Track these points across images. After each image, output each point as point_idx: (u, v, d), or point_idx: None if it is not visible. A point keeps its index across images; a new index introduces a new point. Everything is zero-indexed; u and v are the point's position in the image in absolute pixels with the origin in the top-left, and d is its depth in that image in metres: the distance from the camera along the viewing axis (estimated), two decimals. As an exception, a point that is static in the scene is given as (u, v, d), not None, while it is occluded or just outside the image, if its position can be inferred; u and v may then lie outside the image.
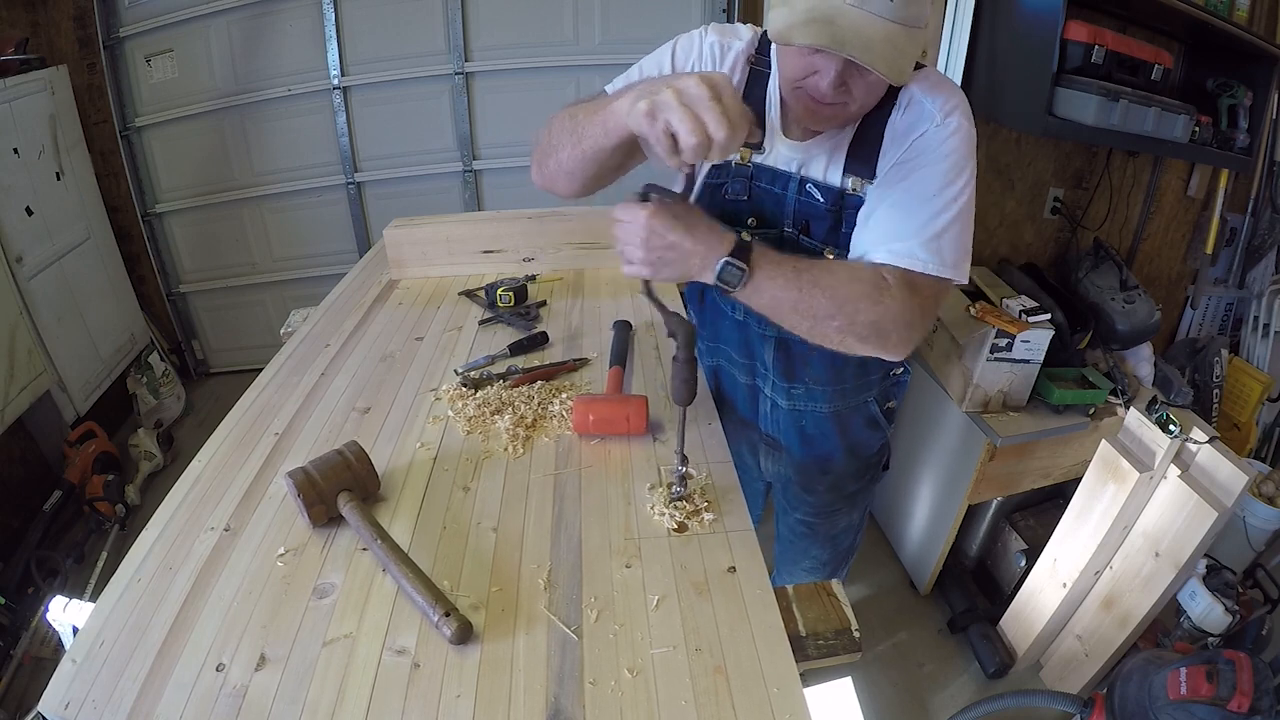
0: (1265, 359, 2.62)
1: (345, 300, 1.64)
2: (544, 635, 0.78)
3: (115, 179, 3.13)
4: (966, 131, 0.92)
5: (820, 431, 1.26)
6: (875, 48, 0.79)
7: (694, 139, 0.73)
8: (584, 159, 0.95)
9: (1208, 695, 1.34)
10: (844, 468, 1.31)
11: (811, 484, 1.35)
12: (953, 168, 0.91)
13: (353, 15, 2.97)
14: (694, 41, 1.06)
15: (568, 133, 0.96)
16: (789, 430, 1.27)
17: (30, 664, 2.00)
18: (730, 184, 1.07)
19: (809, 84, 0.89)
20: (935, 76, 0.97)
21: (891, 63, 0.80)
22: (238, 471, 1.06)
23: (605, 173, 0.99)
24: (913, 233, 0.90)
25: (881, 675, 2.06)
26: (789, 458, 1.31)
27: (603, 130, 0.89)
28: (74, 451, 2.62)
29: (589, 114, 0.91)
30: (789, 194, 1.03)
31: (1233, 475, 1.51)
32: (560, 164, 0.99)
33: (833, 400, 1.21)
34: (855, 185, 0.98)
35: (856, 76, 0.86)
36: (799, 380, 1.19)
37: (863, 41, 0.79)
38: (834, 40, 0.79)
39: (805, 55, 0.87)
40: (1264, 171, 2.41)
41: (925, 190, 0.91)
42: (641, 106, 0.76)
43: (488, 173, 3.30)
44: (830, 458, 1.30)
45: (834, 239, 1.02)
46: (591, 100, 0.97)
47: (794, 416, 1.24)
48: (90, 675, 0.75)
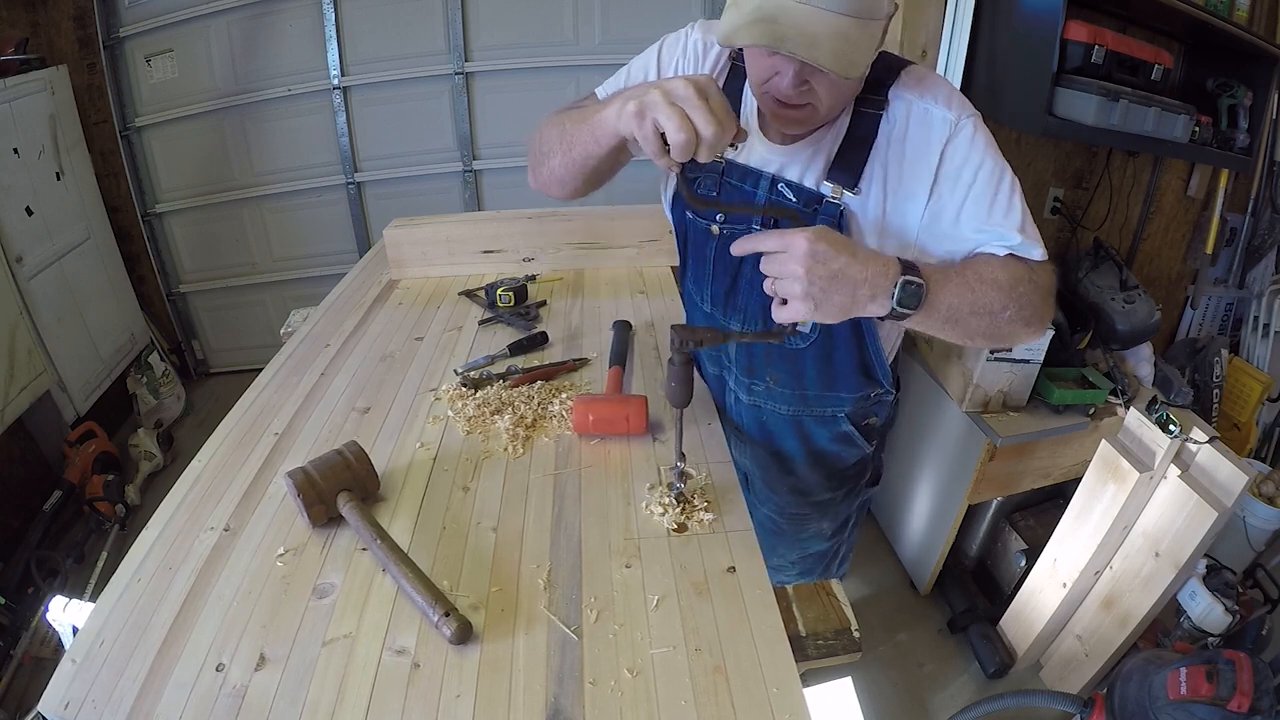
0: (1265, 359, 2.62)
1: (345, 300, 1.65)
2: (544, 635, 0.78)
3: (115, 179, 3.13)
4: (982, 126, 0.93)
5: (780, 431, 1.25)
6: (821, 43, 0.76)
7: (681, 136, 0.74)
8: (574, 166, 0.96)
9: (1208, 695, 1.34)
10: (808, 474, 1.29)
11: (774, 482, 1.33)
12: (995, 160, 0.92)
13: (353, 15, 2.97)
14: (679, 40, 1.07)
15: (557, 140, 0.96)
16: (751, 423, 1.27)
17: (30, 664, 2.00)
18: (703, 180, 1.06)
19: (772, 86, 0.87)
20: (927, 76, 0.95)
21: (840, 57, 0.77)
22: (238, 471, 1.06)
23: (597, 177, 1.00)
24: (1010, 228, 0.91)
25: (881, 675, 2.06)
26: (751, 450, 1.31)
27: (592, 138, 0.89)
28: (74, 451, 2.63)
29: (577, 122, 0.92)
30: (759, 191, 1.02)
31: (1233, 475, 1.51)
32: (552, 171, 1.00)
33: (793, 404, 1.19)
34: (835, 191, 0.96)
35: (818, 75, 0.84)
36: (759, 377, 1.19)
37: (807, 38, 0.76)
38: (775, 38, 0.77)
39: (765, 57, 0.86)
40: (1264, 171, 2.40)
41: (989, 189, 0.91)
42: (630, 107, 0.77)
43: (488, 173, 3.30)
44: (792, 459, 1.28)
45: None
46: (580, 106, 0.97)
47: (755, 411, 1.24)
48: (90, 675, 0.75)
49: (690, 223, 1.12)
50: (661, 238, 1.71)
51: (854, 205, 0.97)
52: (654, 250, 1.73)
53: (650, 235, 1.72)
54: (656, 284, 1.66)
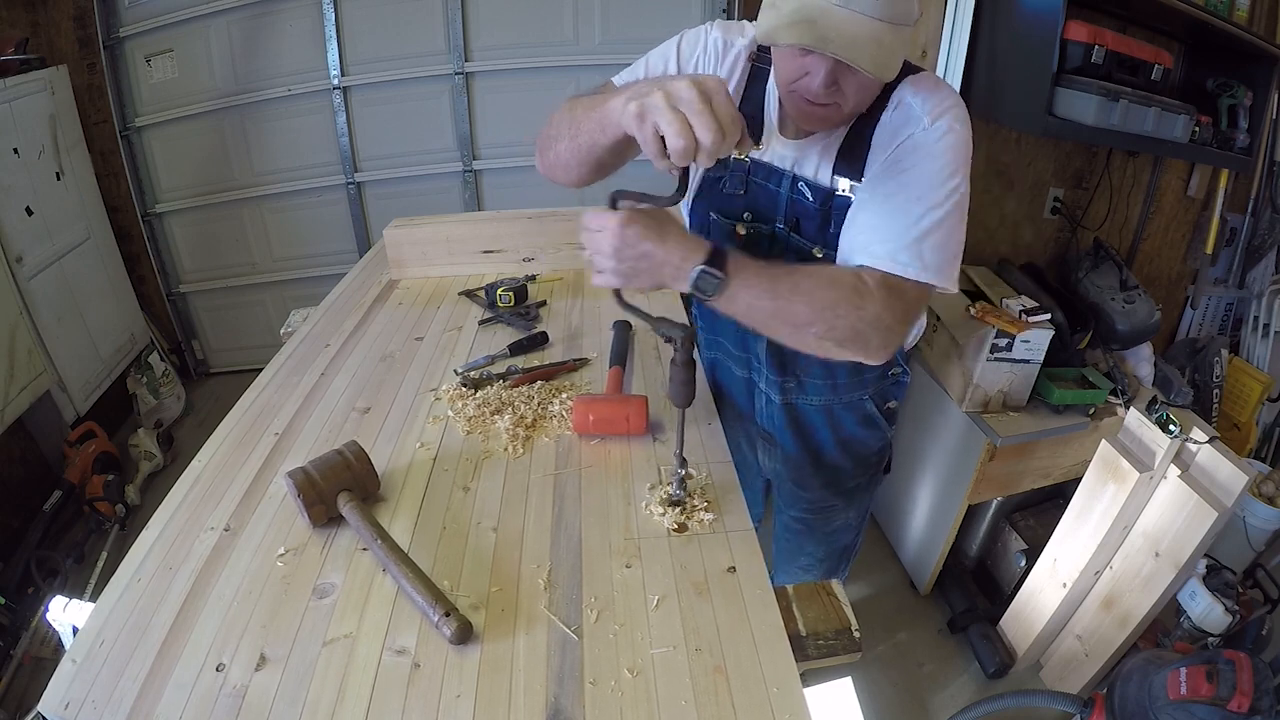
0: (1265, 359, 2.62)
1: (345, 300, 1.65)
2: (544, 635, 0.78)
3: (115, 179, 3.13)
4: (959, 136, 0.91)
5: (812, 424, 1.27)
6: (860, 46, 0.79)
7: (680, 142, 0.72)
8: (579, 153, 0.95)
9: (1208, 695, 1.34)
10: (838, 463, 1.32)
11: (805, 479, 1.35)
12: (940, 170, 0.90)
13: (353, 15, 2.97)
14: (699, 37, 1.07)
15: (566, 125, 0.96)
16: (782, 425, 1.28)
17: (30, 664, 2.00)
18: (729, 179, 1.09)
19: (802, 85, 0.89)
20: (931, 80, 0.97)
21: (877, 60, 0.80)
22: (238, 471, 1.06)
23: (602, 167, 0.99)
24: (895, 236, 0.89)
25: (881, 675, 2.06)
26: (782, 453, 1.33)
27: (599, 127, 0.88)
28: (74, 451, 2.62)
29: (587, 110, 0.91)
30: (782, 191, 1.04)
31: (1233, 475, 1.51)
32: (558, 155, 0.99)
33: (824, 394, 1.22)
34: (844, 186, 0.99)
35: (848, 76, 0.86)
36: (790, 373, 1.20)
37: (847, 40, 0.79)
38: (818, 39, 0.79)
39: (797, 57, 0.88)
40: (1264, 171, 2.41)
41: (910, 194, 0.90)
42: (631, 108, 0.76)
43: (488, 173, 3.30)
44: (822, 451, 1.30)
45: (823, 238, 1.02)
46: (593, 94, 0.97)
47: (787, 410, 1.26)
48: (90, 675, 0.75)
49: (714, 223, 1.13)
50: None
51: None
52: (654, 250, 1.73)
53: (650, 235, 1.71)
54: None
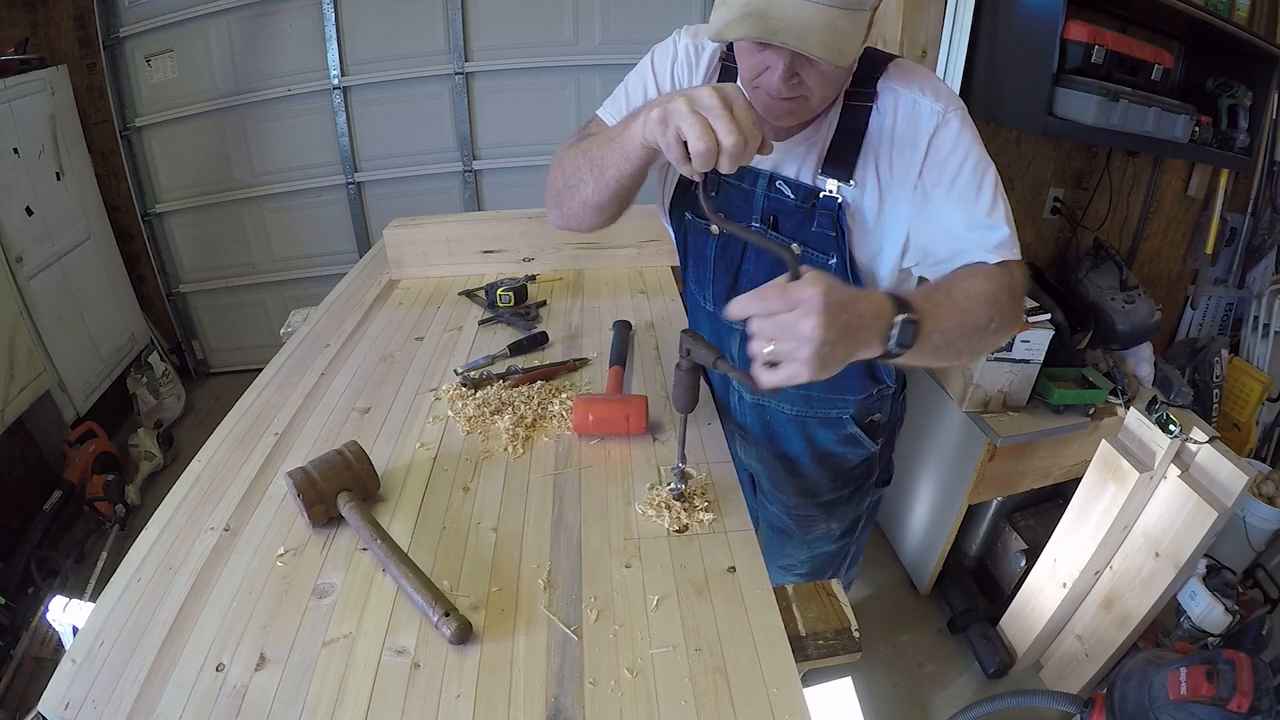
0: (1265, 359, 2.61)
1: (345, 300, 1.65)
2: (544, 635, 0.78)
3: (115, 179, 3.13)
4: (968, 119, 0.93)
5: (784, 432, 1.25)
6: (811, 34, 0.78)
7: (702, 144, 0.74)
8: (609, 189, 0.95)
9: (1208, 695, 1.34)
10: (814, 475, 1.29)
11: (780, 483, 1.33)
12: (981, 158, 0.92)
13: (353, 15, 2.97)
14: (669, 49, 1.07)
15: (586, 169, 0.95)
16: (755, 423, 1.27)
17: (30, 664, 2.00)
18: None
19: (764, 81, 0.88)
20: (917, 69, 0.97)
21: (831, 47, 0.79)
22: (238, 471, 1.06)
23: (628, 196, 0.99)
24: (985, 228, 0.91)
25: (881, 675, 2.06)
26: (757, 451, 1.31)
27: (623, 155, 0.89)
28: (74, 451, 2.62)
29: (603, 145, 0.92)
30: (758, 190, 1.03)
31: (1233, 475, 1.51)
32: (585, 201, 0.99)
33: (797, 404, 1.20)
34: (831, 187, 0.97)
35: (807, 67, 0.85)
36: None
37: (797, 30, 0.78)
38: (766, 31, 0.78)
39: (756, 52, 0.87)
40: (1264, 171, 2.40)
41: (972, 187, 0.91)
42: (654, 114, 0.78)
43: (488, 173, 3.30)
44: (797, 460, 1.28)
45: (803, 234, 1.01)
46: (593, 133, 0.97)
47: (759, 411, 1.25)
48: (90, 675, 0.76)
49: (690, 223, 1.12)
50: (661, 238, 1.71)
51: (850, 197, 0.97)
52: (654, 250, 1.73)
53: (650, 235, 1.72)
54: (656, 284, 1.66)
